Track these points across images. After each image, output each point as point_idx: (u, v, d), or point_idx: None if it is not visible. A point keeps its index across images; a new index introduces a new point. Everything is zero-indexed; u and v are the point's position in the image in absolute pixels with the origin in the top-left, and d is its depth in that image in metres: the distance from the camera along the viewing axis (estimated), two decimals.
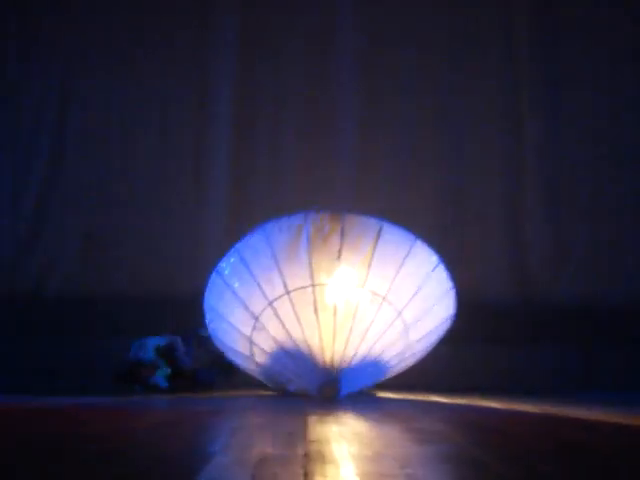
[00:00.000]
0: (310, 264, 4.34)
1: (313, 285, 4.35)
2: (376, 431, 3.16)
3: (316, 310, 4.34)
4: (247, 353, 4.57)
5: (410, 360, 4.70)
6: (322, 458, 2.26)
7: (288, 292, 4.35)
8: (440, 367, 5.16)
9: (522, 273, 6.09)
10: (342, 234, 4.36)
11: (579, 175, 6.18)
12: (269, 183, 6.13)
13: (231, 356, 4.72)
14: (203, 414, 3.80)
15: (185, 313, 5.43)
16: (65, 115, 6.20)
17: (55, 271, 6.04)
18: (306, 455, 2.29)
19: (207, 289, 4.61)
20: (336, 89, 6.21)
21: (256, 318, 4.42)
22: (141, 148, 6.19)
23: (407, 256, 4.43)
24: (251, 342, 4.50)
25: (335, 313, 4.34)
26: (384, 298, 4.40)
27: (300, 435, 2.78)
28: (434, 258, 4.53)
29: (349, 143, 6.17)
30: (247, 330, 4.48)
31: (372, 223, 4.42)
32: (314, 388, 4.40)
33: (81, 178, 6.13)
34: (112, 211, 6.09)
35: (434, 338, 4.67)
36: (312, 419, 3.38)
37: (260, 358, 4.54)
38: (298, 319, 4.35)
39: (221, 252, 4.65)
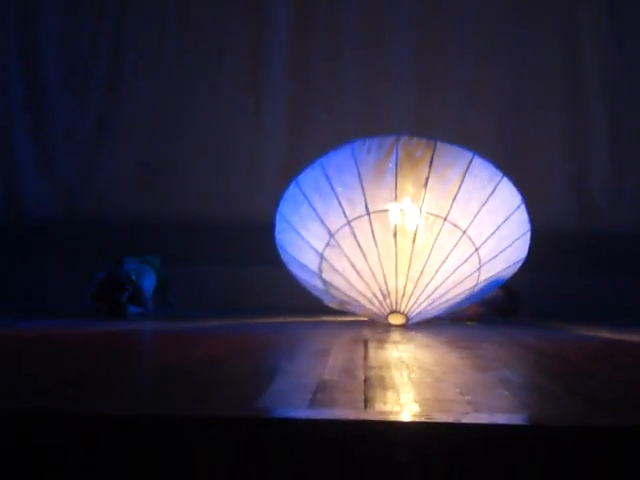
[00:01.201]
0: (395, 188, 4.28)
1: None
2: (436, 358, 3.15)
3: (395, 235, 4.29)
4: (314, 268, 4.51)
5: (477, 297, 4.64)
6: (382, 384, 2.24)
7: (369, 213, 4.29)
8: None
9: (583, 201, 6.04)
10: (431, 162, 4.27)
11: None
12: (326, 113, 6.07)
13: (295, 269, 4.67)
14: (261, 339, 3.81)
15: (241, 238, 5.50)
16: (121, 45, 6.19)
17: (112, 197, 6.09)
18: (366, 381, 2.28)
19: (283, 199, 4.57)
20: (395, 21, 6.13)
21: (331, 235, 4.37)
22: (198, 78, 6.15)
23: (492, 193, 4.34)
24: (322, 258, 4.45)
25: (414, 240, 4.29)
26: (464, 232, 4.31)
27: (360, 361, 2.77)
28: (518, 199, 4.43)
29: (408, 70, 6.09)
30: (320, 245, 4.43)
31: (463, 154, 4.33)
32: (383, 313, 4.38)
33: (137, 108, 6.14)
34: (167, 141, 6.10)
35: (502, 279, 4.60)
36: (372, 345, 3.37)
37: (328, 275, 4.49)
38: (375, 241, 4.29)
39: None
